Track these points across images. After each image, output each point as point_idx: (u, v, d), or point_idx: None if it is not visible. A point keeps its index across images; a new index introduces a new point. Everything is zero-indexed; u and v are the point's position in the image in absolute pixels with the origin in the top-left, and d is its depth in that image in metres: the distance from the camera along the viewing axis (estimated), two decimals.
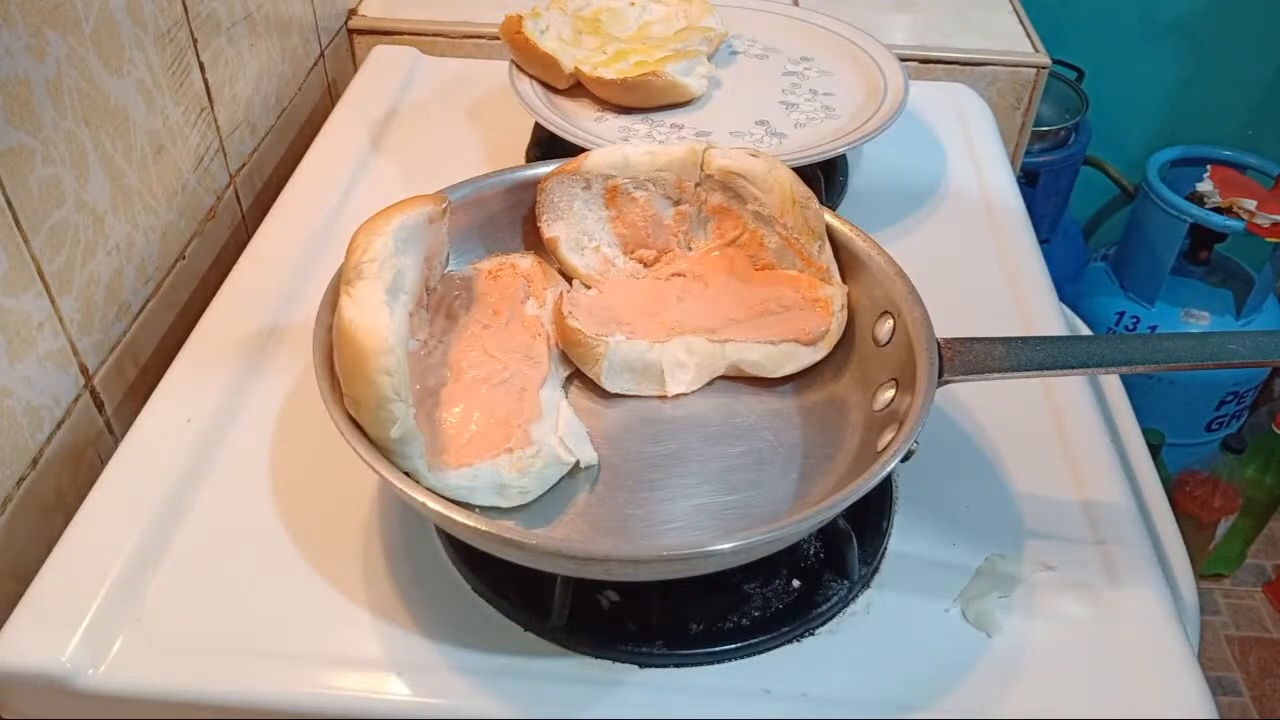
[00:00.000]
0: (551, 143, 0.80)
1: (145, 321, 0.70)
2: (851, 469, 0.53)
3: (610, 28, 0.88)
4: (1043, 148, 1.55)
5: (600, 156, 0.62)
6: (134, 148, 0.68)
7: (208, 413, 0.61)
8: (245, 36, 0.83)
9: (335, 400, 0.49)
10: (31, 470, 0.59)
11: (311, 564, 0.54)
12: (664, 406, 0.58)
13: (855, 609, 0.53)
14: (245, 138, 0.85)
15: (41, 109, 0.58)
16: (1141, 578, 0.54)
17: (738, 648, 0.51)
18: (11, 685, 0.49)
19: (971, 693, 0.49)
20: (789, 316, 0.59)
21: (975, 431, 0.62)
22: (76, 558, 0.53)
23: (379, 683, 0.49)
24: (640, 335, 0.58)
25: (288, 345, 0.66)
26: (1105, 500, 0.58)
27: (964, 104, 0.95)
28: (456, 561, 0.54)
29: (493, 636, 0.51)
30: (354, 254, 0.51)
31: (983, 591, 0.53)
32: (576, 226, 0.63)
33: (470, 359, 0.56)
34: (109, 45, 0.64)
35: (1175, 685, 0.50)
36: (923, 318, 0.54)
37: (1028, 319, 0.71)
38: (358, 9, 1.07)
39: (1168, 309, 1.59)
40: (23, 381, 0.58)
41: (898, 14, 1.11)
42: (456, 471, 0.50)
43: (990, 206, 0.82)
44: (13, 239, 0.56)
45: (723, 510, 0.51)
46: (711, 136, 0.79)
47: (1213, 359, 0.52)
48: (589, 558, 0.45)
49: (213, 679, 0.49)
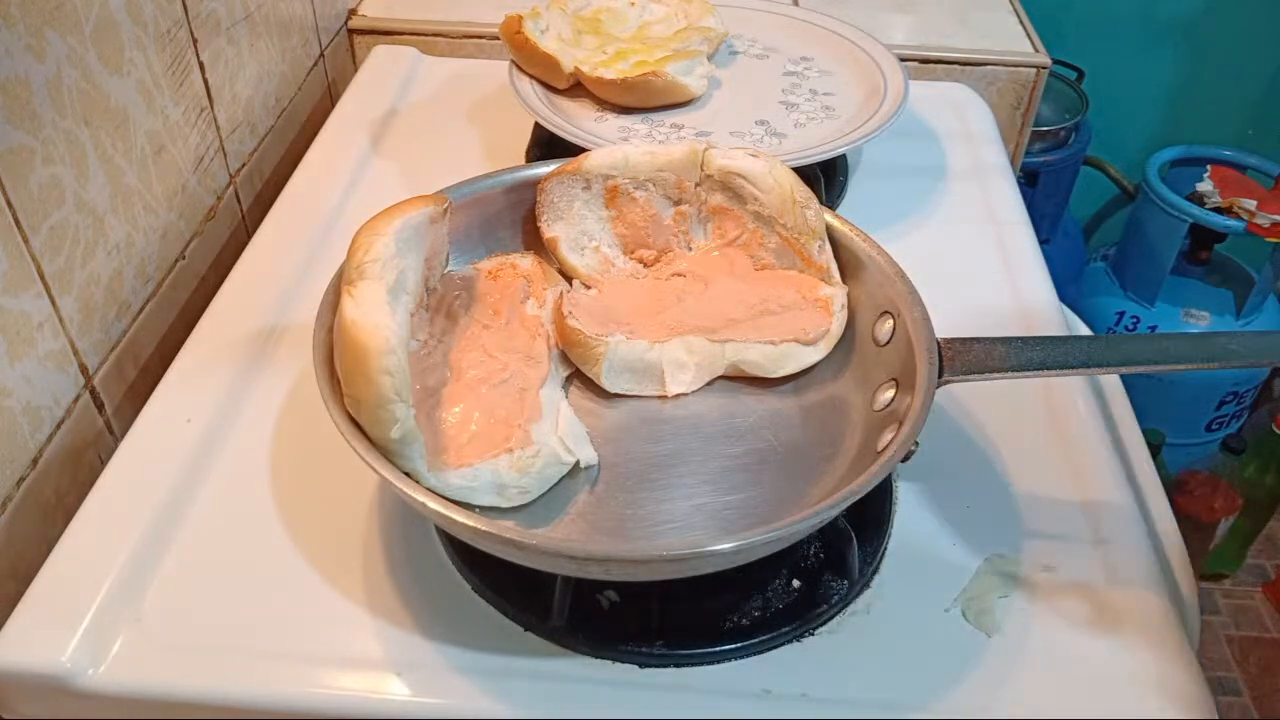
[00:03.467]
0: (551, 143, 0.80)
1: (145, 321, 0.70)
2: (851, 469, 0.53)
3: (610, 28, 0.88)
4: (1043, 148, 1.55)
5: (600, 156, 0.62)
6: (134, 148, 0.68)
7: (208, 413, 0.61)
8: (245, 36, 0.83)
9: (335, 400, 0.49)
10: (31, 470, 0.59)
11: (311, 564, 0.54)
12: (664, 406, 0.58)
13: (855, 609, 0.53)
14: (245, 138, 0.85)
15: (41, 109, 0.58)
16: (1141, 578, 0.54)
17: (738, 648, 0.51)
18: (11, 685, 0.49)
19: (971, 693, 0.49)
20: (789, 316, 0.59)
21: (975, 431, 0.62)
22: (76, 558, 0.53)
23: (379, 683, 0.49)
24: (640, 335, 0.58)
25: (288, 345, 0.66)
26: (1105, 500, 0.58)
27: (964, 104, 0.95)
28: (456, 561, 0.54)
29: (493, 636, 0.51)
30: (356, 254, 0.51)
31: (983, 591, 0.53)
32: (576, 226, 0.63)
33: (470, 359, 0.56)
34: (109, 45, 0.64)
35: (1175, 685, 0.50)
36: (923, 318, 0.54)
37: (1028, 319, 0.71)
38: (358, 9, 1.07)
39: (1168, 309, 1.59)
40: (23, 381, 0.58)
41: (898, 14, 1.11)
42: (456, 471, 0.50)
43: (990, 206, 0.82)
44: (13, 239, 0.56)
45: (723, 510, 0.51)
46: (711, 136, 0.79)
47: (1213, 359, 0.52)
48: (589, 558, 0.45)
49: (213, 679, 0.49)
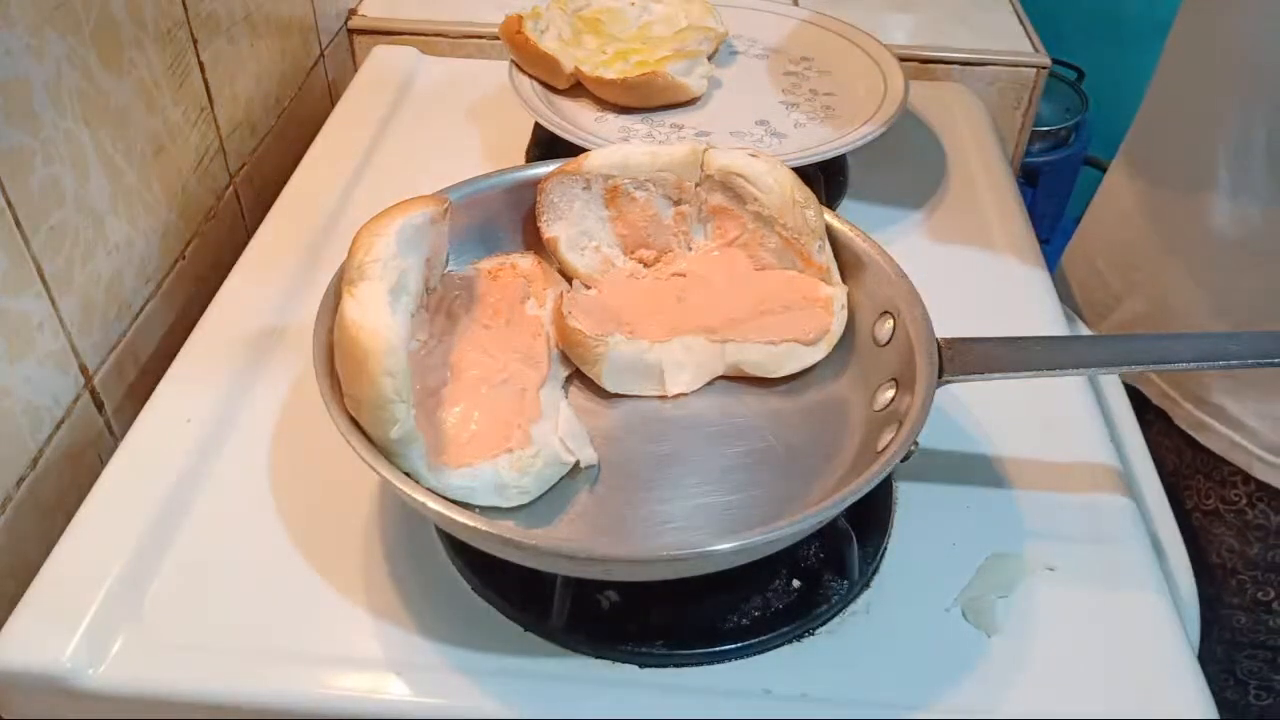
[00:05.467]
0: (551, 143, 0.80)
1: (145, 321, 0.70)
2: (851, 469, 0.53)
3: (610, 28, 0.88)
4: (1043, 148, 1.55)
5: (600, 156, 0.62)
6: (134, 148, 0.68)
7: (208, 413, 0.61)
8: (245, 36, 0.83)
9: (335, 400, 0.49)
10: (31, 470, 0.59)
11: (311, 564, 0.54)
12: (664, 406, 0.58)
13: (855, 609, 0.53)
14: (245, 138, 0.85)
15: (41, 109, 0.58)
16: (1141, 578, 0.54)
17: (738, 648, 0.51)
18: (11, 685, 0.49)
19: (971, 693, 0.49)
20: (789, 316, 0.59)
21: (975, 431, 0.62)
22: (76, 558, 0.53)
23: (379, 683, 0.49)
24: (640, 335, 0.58)
25: (288, 345, 0.66)
26: (1105, 500, 0.58)
27: (964, 104, 0.95)
28: (456, 561, 0.54)
29: (493, 636, 0.51)
30: (356, 254, 0.51)
31: (983, 591, 0.53)
32: (576, 226, 0.63)
33: (470, 359, 0.56)
34: (109, 45, 0.64)
35: (1175, 685, 0.50)
36: (923, 318, 0.54)
37: (1028, 319, 0.71)
38: (358, 9, 1.07)
39: None
40: (23, 381, 0.58)
41: (898, 14, 1.10)
42: (457, 471, 0.50)
43: (990, 206, 0.82)
44: (13, 239, 0.56)
45: (723, 510, 0.51)
46: (711, 136, 0.79)
47: (1213, 359, 0.52)
48: (589, 558, 0.45)
49: (213, 679, 0.49)
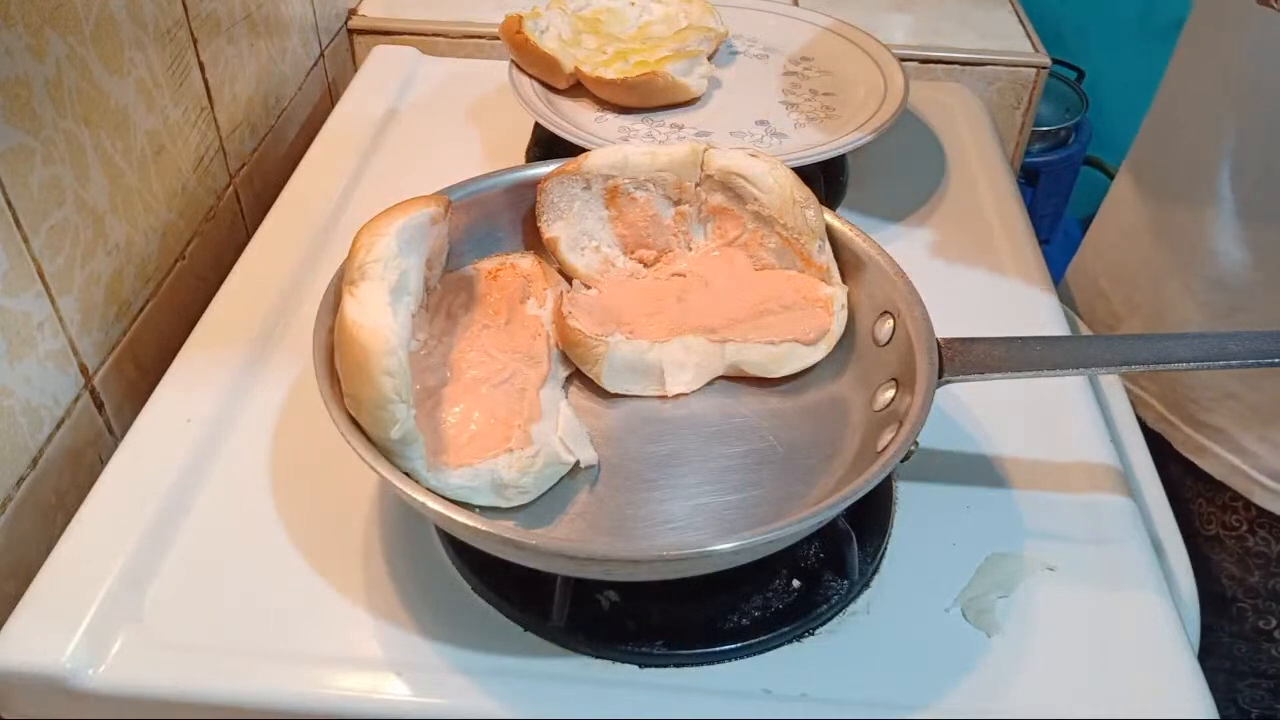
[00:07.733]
0: (551, 143, 0.80)
1: (145, 321, 0.70)
2: (851, 469, 0.53)
3: (610, 28, 0.88)
4: (1043, 148, 1.55)
5: (600, 156, 0.62)
6: (134, 148, 0.68)
7: (208, 413, 0.61)
8: (245, 36, 0.83)
9: (335, 400, 0.49)
10: (31, 470, 0.59)
11: (311, 564, 0.54)
12: (664, 406, 0.58)
13: (855, 609, 0.53)
14: (245, 138, 0.85)
15: (41, 109, 0.58)
16: (1141, 578, 0.54)
17: (738, 648, 0.51)
18: (11, 685, 0.49)
19: (971, 693, 0.49)
20: (789, 316, 0.59)
21: (975, 431, 0.62)
22: (76, 558, 0.53)
23: (379, 683, 0.49)
24: (640, 335, 0.58)
25: (288, 345, 0.66)
26: (1105, 500, 0.58)
27: (964, 104, 0.95)
28: (456, 561, 0.54)
29: (493, 636, 0.51)
30: (357, 254, 0.51)
31: (983, 591, 0.53)
32: (576, 226, 0.63)
33: (470, 359, 0.56)
34: (109, 45, 0.64)
35: (1175, 685, 0.50)
36: (923, 318, 0.54)
37: (1028, 319, 0.71)
38: (358, 9, 1.07)
39: None
40: (23, 381, 0.58)
41: (898, 14, 1.11)
42: (456, 471, 0.50)
43: (990, 206, 0.82)
44: (13, 239, 0.56)
45: (723, 510, 0.51)
46: (711, 136, 0.79)
47: (1213, 359, 0.52)
48: (589, 558, 0.45)
49: (213, 679, 0.49)
